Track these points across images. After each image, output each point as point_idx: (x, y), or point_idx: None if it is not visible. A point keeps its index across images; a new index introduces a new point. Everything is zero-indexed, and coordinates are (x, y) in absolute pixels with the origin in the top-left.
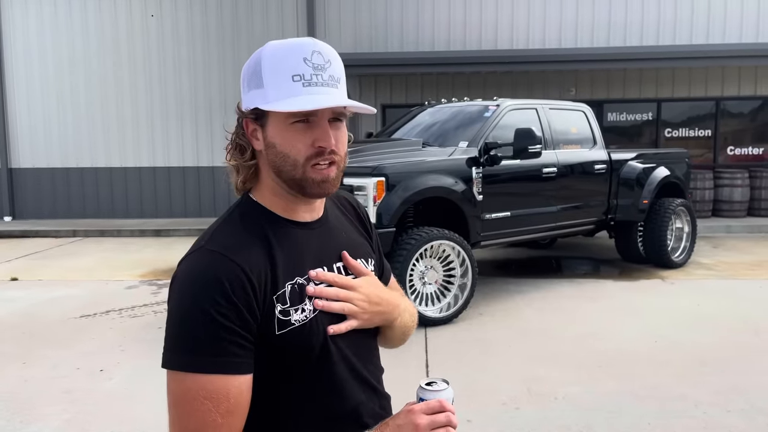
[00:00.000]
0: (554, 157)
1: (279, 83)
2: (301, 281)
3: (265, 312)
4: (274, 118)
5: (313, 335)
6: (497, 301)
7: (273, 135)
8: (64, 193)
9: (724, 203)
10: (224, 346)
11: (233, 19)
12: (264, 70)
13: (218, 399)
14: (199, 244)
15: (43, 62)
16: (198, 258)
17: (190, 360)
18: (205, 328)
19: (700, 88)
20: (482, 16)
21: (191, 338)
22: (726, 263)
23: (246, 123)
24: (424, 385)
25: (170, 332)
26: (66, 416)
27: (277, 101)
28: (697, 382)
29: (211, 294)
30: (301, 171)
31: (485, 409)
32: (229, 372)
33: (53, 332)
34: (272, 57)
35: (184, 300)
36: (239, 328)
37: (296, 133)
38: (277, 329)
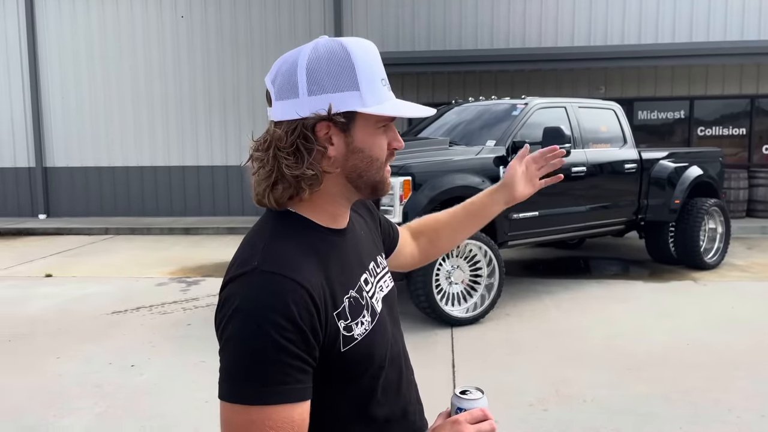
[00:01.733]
0: (583, 156)
1: (373, 86)
2: (354, 294)
3: (329, 331)
4: (365, 122)
5: (375, 345)
6: (524, 302)
7: (362, 139)
8: (96, 191)
9: (759, 203)
10: (290, 373)
11: (261, 19)
12: (359, 72)
13: (283, 428)
14: (249, 263)
15: (77, 63)
16: (255, 279)
17: (255, 391)
18: (272, 356)
19: (734, 85)
20: (510, 13)
21: (256, 368)
22: (761, 265)
23: (320, 126)
24: (459, 393)
25: (230, 361)
26: (98, 410)
27: (378, 104)
28: (730, 386)
29: (277, 319)
30: (381, 172)
31: (513, 410)
32: (295, 400)
33: (86, 328)
34: (364, 58)
35: (247, 326)
36: (304, 353)
37: (381, 137)
38: (343, 346)
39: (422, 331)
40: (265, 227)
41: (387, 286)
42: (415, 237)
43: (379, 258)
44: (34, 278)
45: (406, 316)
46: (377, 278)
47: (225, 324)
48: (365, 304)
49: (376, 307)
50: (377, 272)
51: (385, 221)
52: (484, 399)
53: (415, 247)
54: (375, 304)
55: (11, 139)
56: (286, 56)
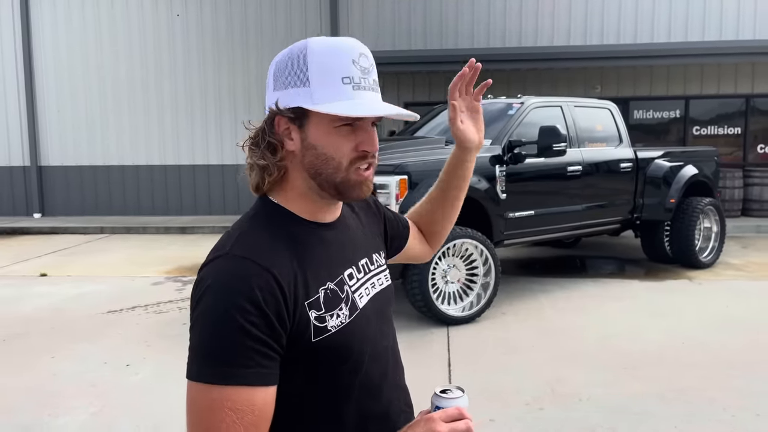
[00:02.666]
0: (579, 155)
1: (328, 84)
2: (332, 286)
3: (298, 320)
4: (318, 119)
5: (352, 340)
6: (520, 301)
7: (315, 137)
8: (91, 190)
9: (754, 202)
10: (252, 356)
11: (257, 18)
12: (311, 69)
13: (243, 411)
14: (223, 248)
15: (71, 62)
16: (225, 264)
17: (217, 371)
18: (234, 338)
19: (729, 84)
20: (506, 13)
21: (219, 349)
22: (756, 264)
23: (278, 121)
24: (439, 392)
25: (196, 342)
26: (93, 410)
27: (327, 102)
28: (726, 385)
29: (241, 303)
30: (343, 174)
31: (508, 409)
32: (256, 384)
33: (81, 327)
34: (320, 55)
35: (212, 309)
36: (269, 338)
37: (341, 137)
38: (314, 336)
39: (418, 330)
40: (248, 215)
41: (380, 284)
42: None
43: (376, 256)
44: (29, 277)
45: (402, 315)
46: (368, 275)
47: (195, 305)
48: (344, 297)
49: (358, 303)
50: (369, 269)
51: (393, 218)
52: (463, 398)
53: (423, 237)
54: (357, 300)
55: (6, 138)
56: None
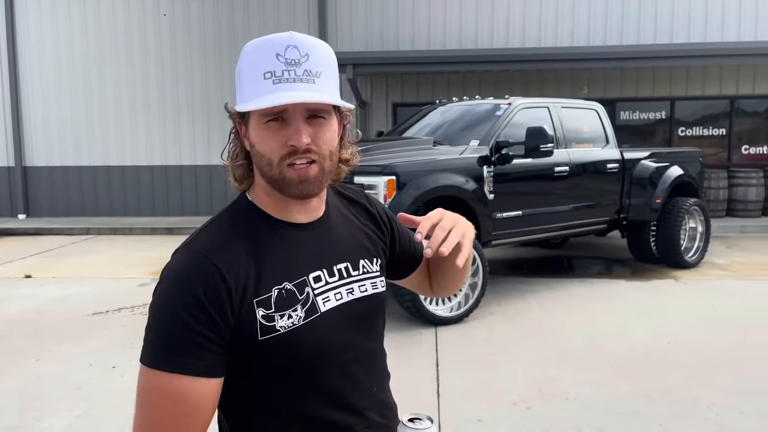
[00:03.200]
0: (566, 155)
1: (252, 82)
2: (290, 287)
3: (243, 316)
4: (252, 117)
5: (301, 343)
6: (508, 301)
7: (252, 135)
8: (77, 191)
9: (739, 203)
10: (188, 347)
11: (245, 19)
12: (241, 69)
13: (177, 399)
14: (185, 241)
15: (57, 61)
16: (179, 256)
17: (156, 357)
18: (172, 327)
19: (714, 86)
20: (494, 14)
21: (160, 336)
22: (740, 263)
23: (238, 124)
24: (406, 421)
25: (146, 326)
26: (77, 412)
27: (248, 101)
28: (711, 383)
29: (182, 294)
30: (277, 171)
31: (496, 408)
32: (191, 373)
33: (66, 329)
34: (247, 55)
35: (159, 296)
36: (208, 330)
37: (270, 132)
38: (260, 335)
39: (406, 331)
40: (218, 212)
41: (363, 291)
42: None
43: (363, 262)
44: (13, 279)
45: (390, 316)
46: (344, 280)
47: (153, 290)
48: (303, 299)
49: (319, 306)
50: (348, 274)
51: (405, 235)
52: (431, 429)
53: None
54: (319, 303)
55: None
56: None
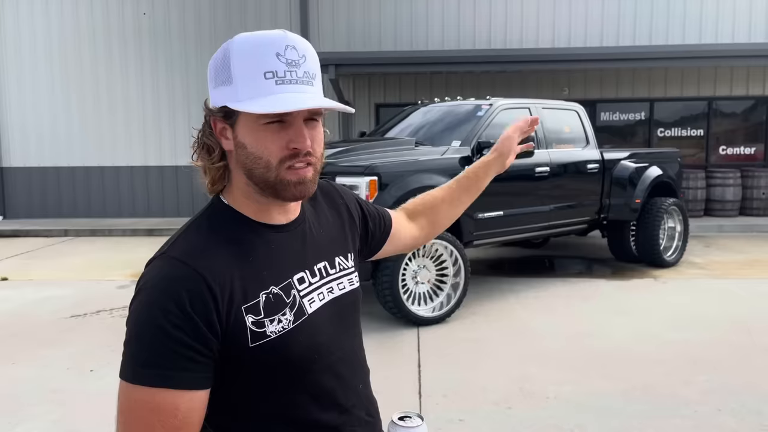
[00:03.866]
0: (547, 156)
1: (250, 80)
2: (276, 291)
3: (232, 324)
4: (245, 117)
5: (292, 347)
6: (490, 301)
7: (244, 135)
8: (55, 192)
9: (716, 203)
10: (175, 359)
11: (226, 18)
12: (233, 66)
13: (165, 414)
14: (162, 249)
15: (34, 61)
16: (158, 265)
17: (139, 372)
18: (156, 340)
19: (692, 87)
20: (476, 16)
21: (142, 349)
22: (718, 262)
23: (214, 121)
24: (396, 419)
25: (125, 340)
26: (54, 416)
27: (248, 100)
28: (689, 381)
29: (165, 305)
30: (274, 173)
31: (477, 408)
32: (179, 387)
33: (43, 332)
34: (242, 51)
35: (139, 309)
36: (194, 342)
37: (269, 134)
38: (251, 341)
39: (389, 331)
40: (195, 216)
41: (341, 289)
42: (413, 217)
43: (339, 259)
44: None
45: (373, 316)
46: (324, 279)
47: (130, 303)
48: (290, 302)
49: (306, 308)
50: (327, 273)
51: (374, 213)
52: (422, 427)
53: (415, 227)
54: (306, 305)
55: None
56: None
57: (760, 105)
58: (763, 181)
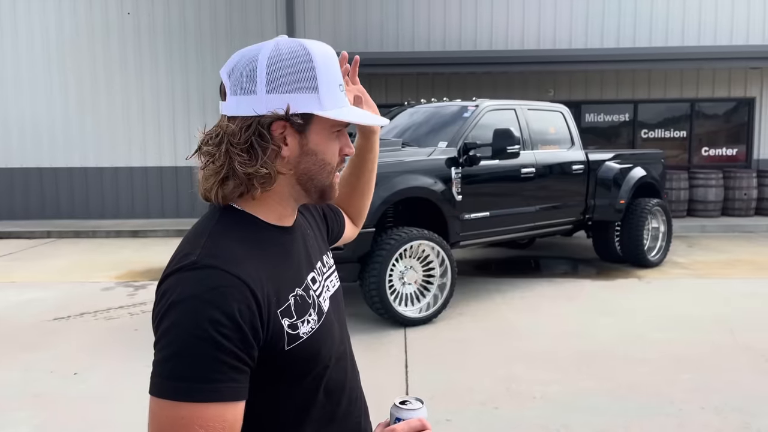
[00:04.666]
0: (532, 157)
1: (331, 90)
2: (300, 292)
3: (272, 330)
4: (320, 125)
5: (321, 345)
6: (477, 301)
7: (316, 143)
8: (38, 193)
9: (699, 203)
10: (225, 372)
11: (211, 18)
12: (319, 74)
13: (214, 428)
14: (189, 258)
15: (16, 60)
16: (194, 274)
17: (187, 387)
18: (207, 352)
19: (675, 89)
20: (461, 17)
21: (189, 364)
22: (701, 262)
23: (276, 126)
24: (398, 403)
25: (164, 356)
26: (36, 421)
27: (334, 108)
28: (673, 380)
29: (215, 315)
30: (331, 178)
31: (464, 408)
32: (227, 400)
33: (26, 335)
34: (324, 61)
35: (183, 321)
36: (242, 352)
37: (334, 142)
38: (287, 345)
39: (376, 332)
40: (209, 222)
41: (333, 286)
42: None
43: (326, 257)
44: None
45: (360, 317)
46: (324, 277)
47: (161, 318)
48: (312, 302)
49: (323, 306)
50: (324, 271)
51: (326, 208)
52: (423, 409)
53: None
54: (322, 303)
55: None
56: (245, 51)
57: (741, 106)
58: (744, 182)
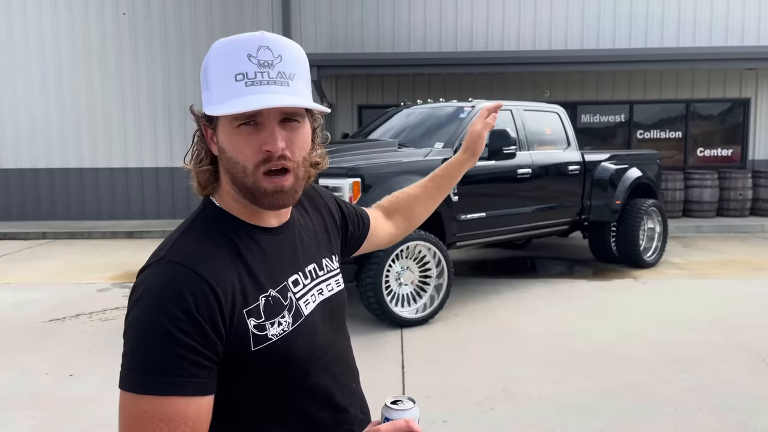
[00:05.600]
0: (529, 158)
1: (222, 84)
2: (275, 294)
3: (235, 328)
4: (222, 121)
5: (294, 348)
6: (473, 302)
7: (222, 140)
8: (33, 194)
9: (695, 203)
10: (184, 366)
11: (207, 19)
12: (209, 70)
13: (175, 422)
14: (158, 254)
15: (12, 61)
16: (157, 270)
17: (146, 381)
18: (164, 346)
19: (671, 90)
20: (458, 18)
21: (148, 357)
22: (696, 263)
23: (204, 127)
24: (389, 403)
25: (127, 349)
26: (33, 422)
27: (219, 104)
28: (669, 380)
29: (171, 310)
30: (251, 179)
31: (461, 409)
32: (188, 394)
33: (21, 337)
34: (217, 55)
35: (142, 316)
36: (201, 346)
37: (243, 137)
38: (253, 345)
39: (372, 333)
40: (188, 219)
41: (330, 290)
42: (389, 215)
43: (326, 261)
44: None
45: (356, 318)
46: (316, 281)
47: (128, 311)
48: (288, 304)
49: (303, 310)
50: (317, 275)
51: (352, 214)
52: (414, 410)
53: (391, 225)
54: (302, 307)
55: None
56: None
57: (736, 107)
58: (739, 182)
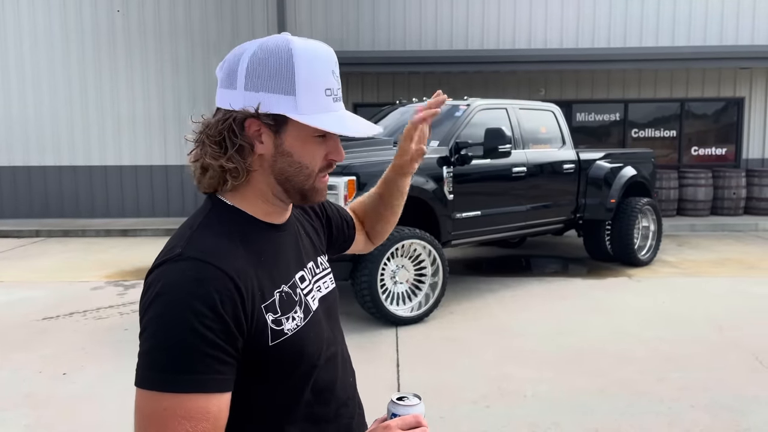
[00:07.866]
0: (524, 156)
1: (312, 94)
2: (287, 289)
3: (255, 324)
4: (297, 128)
5: (306, 343)
6: (468, 300)
7: (292, 144)
8: (26, 192)
9: (689, 202)
10: (208, 363)
11: (202, 16)
12: (298, 76)
13: (197, 419)
14: (174, 250)
15: (4, 58)
16: (178, 267)
17: (168, 378)
18: (189, 343)
19: (665, 89)
20: (453, 16)
21: (171, 354)
22: (690, 261)
23: (250, 123)
24: (396, 399)
25: (147, 347)
26: (26, 421)
27: (313, 114)
28: (663, 378)
29: (197, 306)
30: (312, 181)
31: (456, 407)
32: (211, 391)
33: (14, 335)
34: (306, 62)
35: (166, 313)
36: (224, 343)
37: (316, 146)
38: (270, 340)
39: (367, 331)
40: (199, 215)
41: (326, 287)
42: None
43: (320, 259)
44: None
45: (351, 316)
46: (316, 278)
47: (146, 309)
48: (298, 300)
49: (311, 305)
50: (316, 272)
51: (338, 218)
52: (420, 405)
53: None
54: (310, 302)
55: None
56: (240, 46)
57: (731, 106)
58: (733, 181)
